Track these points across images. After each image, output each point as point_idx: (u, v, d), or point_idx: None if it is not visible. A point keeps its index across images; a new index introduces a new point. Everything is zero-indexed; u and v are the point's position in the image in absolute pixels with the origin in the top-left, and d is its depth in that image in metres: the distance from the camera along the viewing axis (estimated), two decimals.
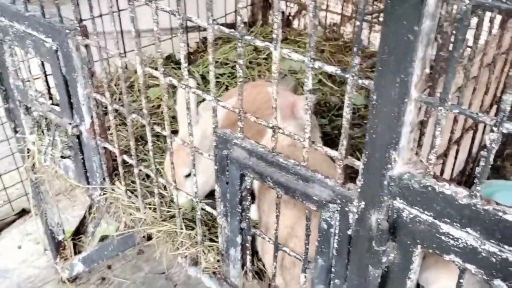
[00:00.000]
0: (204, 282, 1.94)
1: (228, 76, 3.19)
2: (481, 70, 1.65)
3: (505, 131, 0.95)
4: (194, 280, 3.16)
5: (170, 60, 3.36)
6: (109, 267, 3.53)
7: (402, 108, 1.05)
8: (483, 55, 1.65)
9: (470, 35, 1.23)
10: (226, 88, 3.07)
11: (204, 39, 3.55)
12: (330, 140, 2.52)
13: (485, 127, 2.10)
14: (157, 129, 1.74)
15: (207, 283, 1.92)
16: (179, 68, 3.17)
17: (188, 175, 1.97)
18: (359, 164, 1.21)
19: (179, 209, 1.89)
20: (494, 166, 2.49)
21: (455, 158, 1.82)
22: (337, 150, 1.25)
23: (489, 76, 1.79)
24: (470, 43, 1.52)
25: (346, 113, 1.17)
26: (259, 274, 1.79)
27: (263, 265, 1.80)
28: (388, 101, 1.06)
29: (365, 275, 1.31)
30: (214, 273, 1.87)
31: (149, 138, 1.79)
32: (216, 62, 3.23)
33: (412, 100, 1.04)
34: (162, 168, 2.23)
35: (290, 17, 3.81)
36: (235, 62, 3.20)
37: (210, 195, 2.01)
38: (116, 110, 1.88)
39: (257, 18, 3.84)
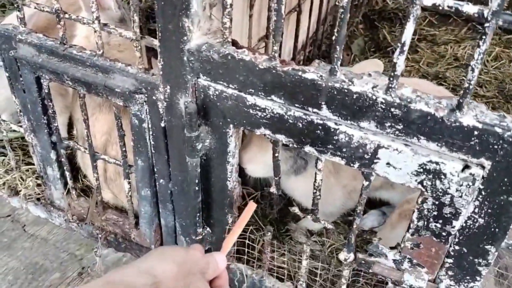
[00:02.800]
0: (31, 212, 1.73)
1: None
2: None
3: None
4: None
5: None
6: None
7: None
8: None
9: None
10: None
11: None
12: None
13: None
14: None
15: (33, 211, 1.70)
16: None
17: None
18: (157, 43, 1.05)
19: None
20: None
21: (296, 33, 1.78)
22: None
23: None
24: None
25: None
26: (86, 191, 1.61)
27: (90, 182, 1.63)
28: None
29: (186, 168, 1.20)
30: (38, 199, 1.66)
31: None
32: None
33: None
34: None
35: None
36: None
37: None
38: None
39: None
